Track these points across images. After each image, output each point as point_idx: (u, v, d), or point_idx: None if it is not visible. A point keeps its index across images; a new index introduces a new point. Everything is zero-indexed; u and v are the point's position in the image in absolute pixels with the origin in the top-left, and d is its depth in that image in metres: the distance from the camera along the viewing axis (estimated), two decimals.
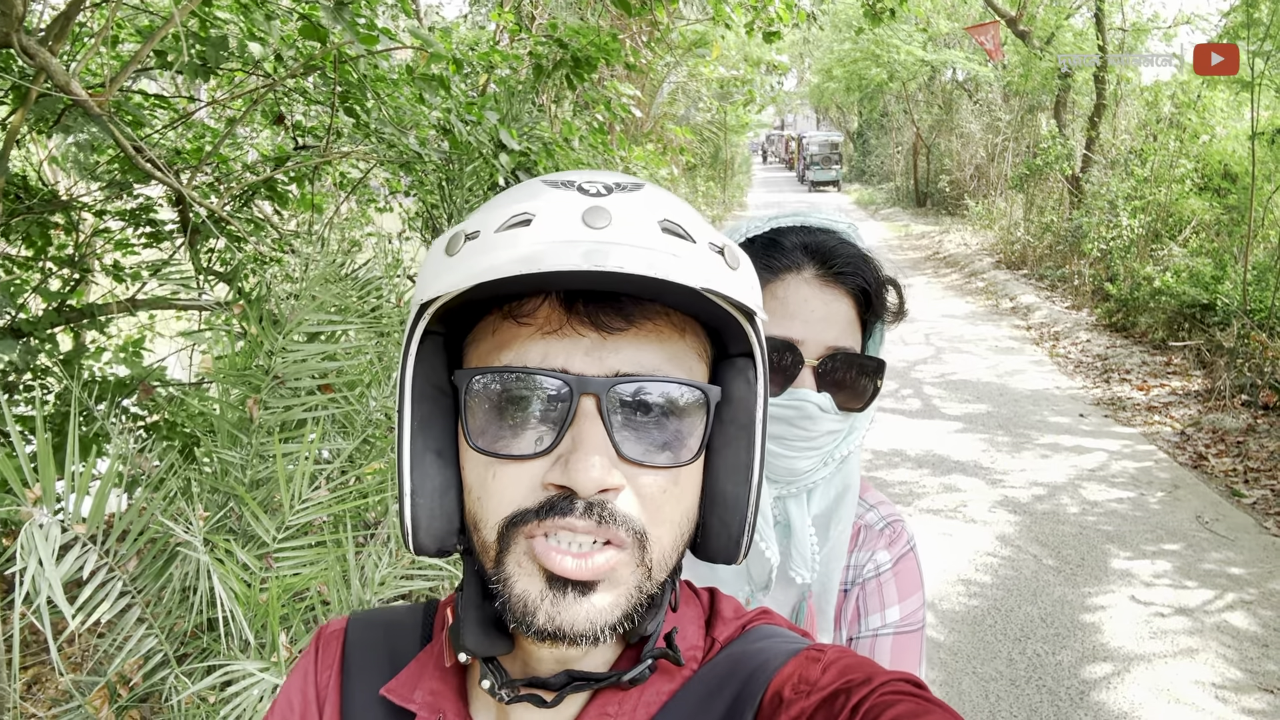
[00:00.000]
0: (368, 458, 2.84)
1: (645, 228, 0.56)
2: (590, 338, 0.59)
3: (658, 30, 9.76)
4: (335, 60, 3.45)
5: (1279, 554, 4.63)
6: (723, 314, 0.61)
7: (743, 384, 0.66)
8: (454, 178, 4.23)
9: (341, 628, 0.78)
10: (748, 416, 0.65)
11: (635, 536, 0.58)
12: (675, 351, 0.61)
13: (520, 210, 0.57)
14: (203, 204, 3.28)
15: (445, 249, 0.59)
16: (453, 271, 0.57)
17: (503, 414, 0.59)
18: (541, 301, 0.60)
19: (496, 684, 0.63)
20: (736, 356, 0.66)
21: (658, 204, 0.59)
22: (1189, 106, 10.22)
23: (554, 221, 0.55)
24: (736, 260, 0.60)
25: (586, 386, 0.57)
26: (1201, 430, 6.54)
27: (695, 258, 0.56)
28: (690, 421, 0.61)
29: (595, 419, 0.57)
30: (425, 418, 0.63)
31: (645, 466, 0.59)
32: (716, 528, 0.66)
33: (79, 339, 3.95)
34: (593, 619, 0.57)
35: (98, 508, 1.92)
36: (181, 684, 2.04)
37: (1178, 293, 8.74)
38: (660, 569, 0.61)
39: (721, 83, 16.94)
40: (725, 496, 0.65)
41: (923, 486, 5.71)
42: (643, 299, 0.60)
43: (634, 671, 0.64)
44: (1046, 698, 3.49)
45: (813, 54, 33.74)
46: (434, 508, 0.63)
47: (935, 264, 16.16)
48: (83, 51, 3.69)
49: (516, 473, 0.59)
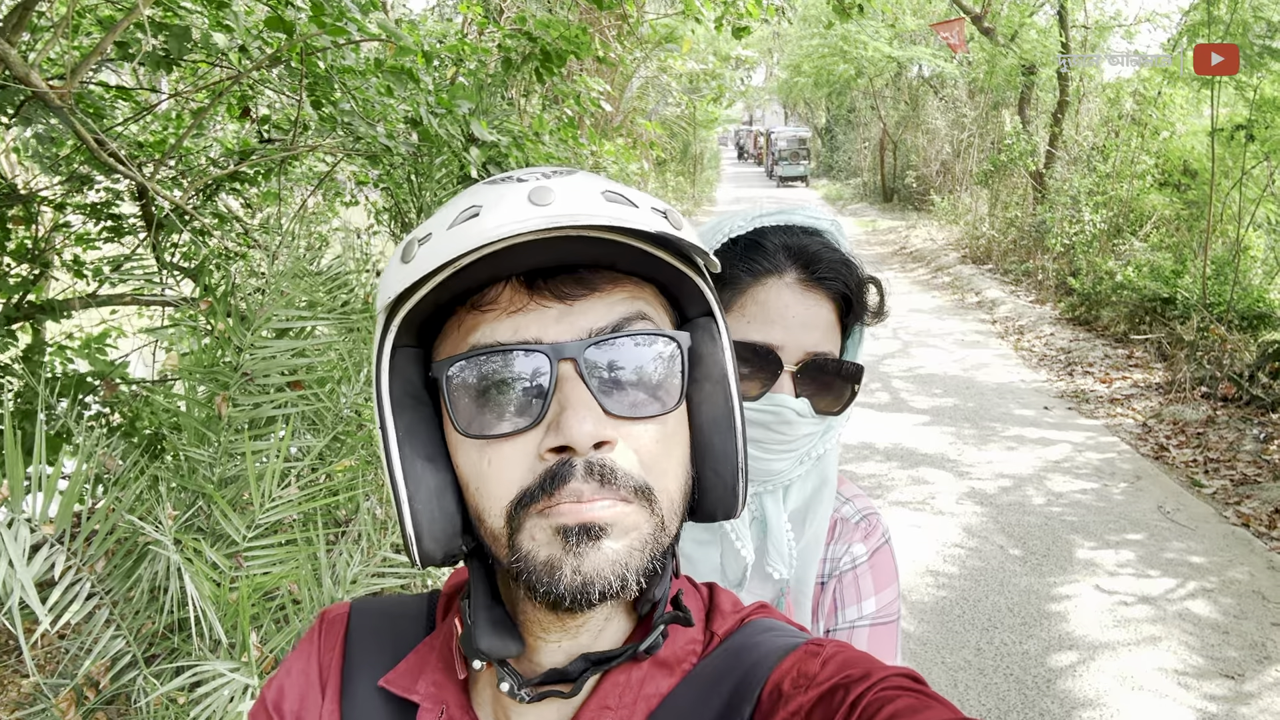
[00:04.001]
0: (338, 455, 2.81)
1: (590, 196, 0.57)
2: (556, 307, 0.60)
3: (627, 24, 9.74)
4: (302, 52, 3.40)
5: (1238, 543, 4.73)
6: (675, 274, 0.64)
7: (708, 340, 0.67)
8: (423, 171, 4.19)
9: (344, 613, 0.78)
10: (719, 370, 0.67)
11: (638, 491, 0.59)
12: (640, 309, 0.63)
13: (467, 205, 0.58)
14: (166, 197, 3.22)
15: (401, 257, 0.59)
16: (408, 272, 0.58)
17: (486, 396, 0.60)
18: (503, 287, 0.61)
19: (515, 685, 0.63)
20: (697, 317, 0.68)
21: (596, 179, 0.61)
22: (1150, 103, 10.39)
23: (502, 206, 0.56)
24: (679, 222, 0.62)
25: (563, 352, 0.59)
26: (1162, 422, 6.66)
27: (641, 218, 0.57)
28: (667, 369, 0.63)
29: (577, 380, 0.59)
30: (409, 425, 0.63)
31: (632, 420, 0.60)
32: (711, 479, 0.67)
33: (39, 335, 3.87)
34: (614, 561, 0.58)
35: (66, 507, 1.89)
36: (150, 685, 2.01)
37: (1139, 287, 8.88)
38: (671, 517, 0.62)
39: (691, 77, 16.95)
40: (714, 449, 0.67)
41: (891, 479, 5.77)
42: (599, 267, 0.62)
43: (649, 640, 0.64)
44: (1014, 686, 3.55)
45: (781, 49, 33.85)
46: (433, 511, 0.63)
47: (902, 259, 16.30)
48: (43, 42, 3.61)
49: (511, 451, 0.59)
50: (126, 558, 2.12)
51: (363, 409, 2.83)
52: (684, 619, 0.65)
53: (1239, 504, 5.20)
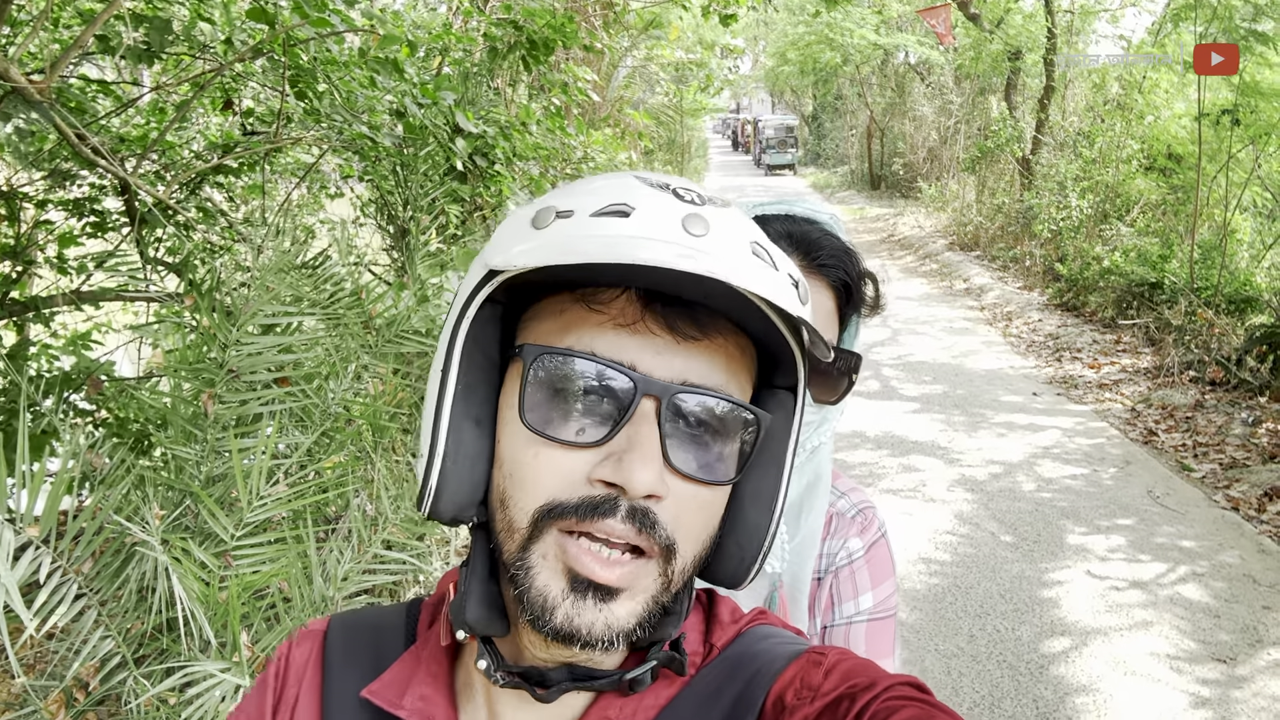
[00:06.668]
0: (327, 451, 2.79)
1: (739, 245, 0.56)
2: (663, 339, 0.59)
3: (613, 12, 9.69)
4: (285, 43, 3.36)
5: (1228, 526, 4.76)
6: (782, 345, 0.62)
7: (782, 416, 0.67)
8: (409, 163, 4.16)
9: (320, 629, 0.76)
10: (781, 448, 0.66)
11: (664, 548, 0.58)
12: (734, 371, 0.62)
13: (619, 200, 0.56)
14: (149, 192, 3.19)
15: (533, 221, 0.58)
16: (540, 245, 0.56)
17: (560, 396, 0.58)
18: (620, 294, 0.59)
19: (493, 666, 0.62)
20: (779, 388, 0.67)
21: (747, 225, 0.60)
22: (1135, 88, 10.41)
23: (653, 219, 0.55)
24: (806, 296, 0.61)
25: (651, 388, 0.57)
26: (1151, 406, 6.69)
27: (779, 284, 0.56)
28: (737, 443, 0.62)
29: (653, 422, 0.57)
30: (471, 384, 0.62)
31: (688, 479, 0.59)
32: (732, 550, 0.66)
33: (22, 333, 3.83)
34: (610, 625, 0.57)
35: (51, 508, 1.86)
36: (140, 686, 1.99)
37: (1126, 272, 8.92)
38: (678, 582, 0.61)
39: (677, 66, 16.89)
40: (747, 523, 0.66)
41: (883, 467, 5.78)
42: (717, 312, 0.60)
43: (636, 672, 0.63)
44: (1007, 672, 3.56)
45: (768, 37, 33.77)
46: (463, 475, 0.62)
47: (890, 246, 16.32)
48: (23, 36, 3.56)
49: (560, 459, 0.58)
50: (114, 558, 2.09)
51: (350, 405, 2.81)
52: (678, 664, 0.64)
53: (1228, 488, 5.23)
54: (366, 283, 3.74)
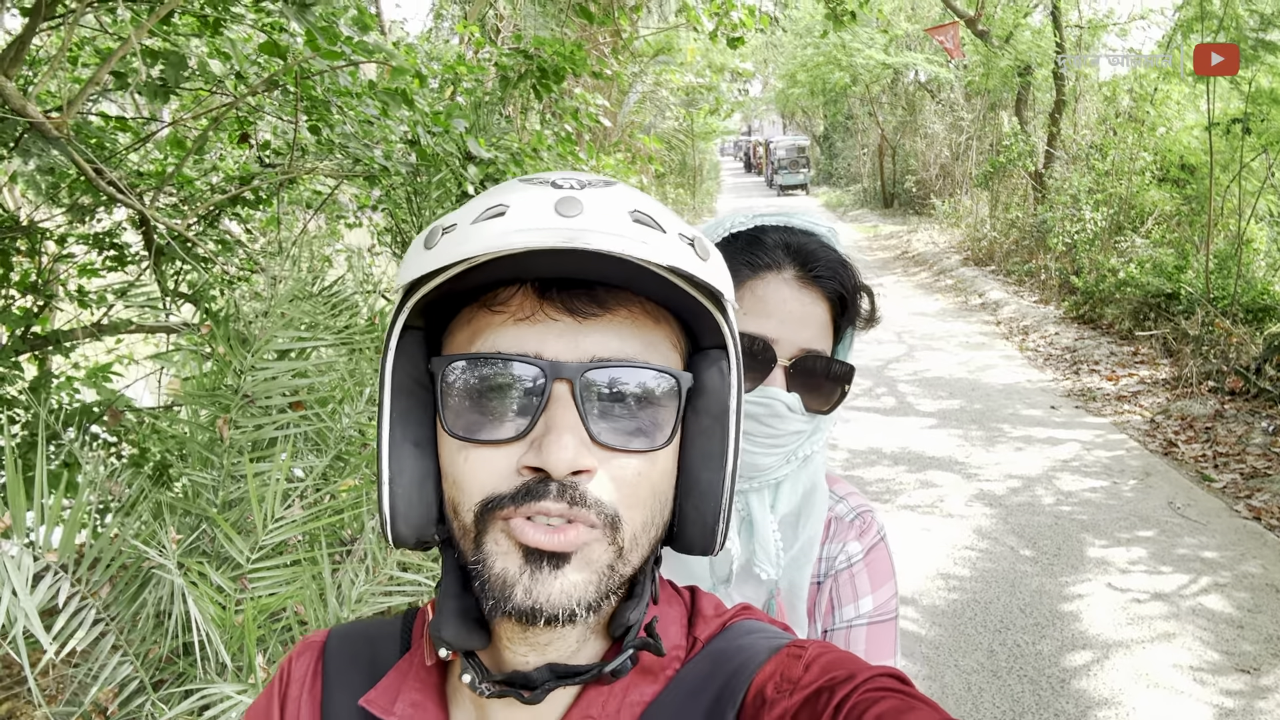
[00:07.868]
0: (341, 474, 2.82)
1: (616, 216, 0.57)
2: (564, 322, 0.60)
3: (621, 39, 9.79)
4: (297, 76, 3.43)
5: (1250, 536, 4.70)
6: (694, 304, 0.63)
7: (716, 374, 0.67)
8: (422, 190, 4.21)
9: (319, 641, 0.78)
10: (721, 406, 0.67)
11: (606, 519, 0.59)
12: (649, 339, 0.63)
13: (495, 203, 0.58)
14: (167, 224, 3.25)
15: (424, 243, 0.60)
16: (429, 259, 0.58)
17: (477, 400, 0.60)
18: (516, 290, 0.61)
19: (477, 679, 0.63)
20: (710, 349, 0.68)
21: (629, 197, 0.60)
22: (1146, 100, 10.39)
23: (528, 210, 0.56)
24: (706, 251, 0.61)
25: (560, 372, 0.59)
26: (1170, 418, 6.63)
27: (665, 245, 0.57)
28: (663, 408, 0.63)
29: (569, 404, 0.59)
30: (405, 409, 0.64)
31: (618, 451, 0.60)
32: (692, 515, 0.67)
33: (44, 366, 3.89)
34: (568, 593, 0.58)
35: (69, 536, 1.89)
36: (159, 710, 2.02)
37: (1142, 283, 8.86)
38: (632, 549, 0.62)
39: (687, 90, 17.01)
40: (700, 484, 0.67)
41: (900, 483, 5.75)
42: (615, 286, 0.61)
43: (615, 663, 0.64)
44: (1028, 687, 3.52)
45: (776, 59, 33.93)
46: (411, 496, 0.64)
47: (904, 263, 16.29)
48: (41, 74, 3.65)
49: (491, 457, 0.60)
50: (131, 583, 2.12)
51: (365, 428, 2.84)
52: (654, 647, 0.65)
53: (1250, 497, 5.17)
54: (381, 308, 3.78)
